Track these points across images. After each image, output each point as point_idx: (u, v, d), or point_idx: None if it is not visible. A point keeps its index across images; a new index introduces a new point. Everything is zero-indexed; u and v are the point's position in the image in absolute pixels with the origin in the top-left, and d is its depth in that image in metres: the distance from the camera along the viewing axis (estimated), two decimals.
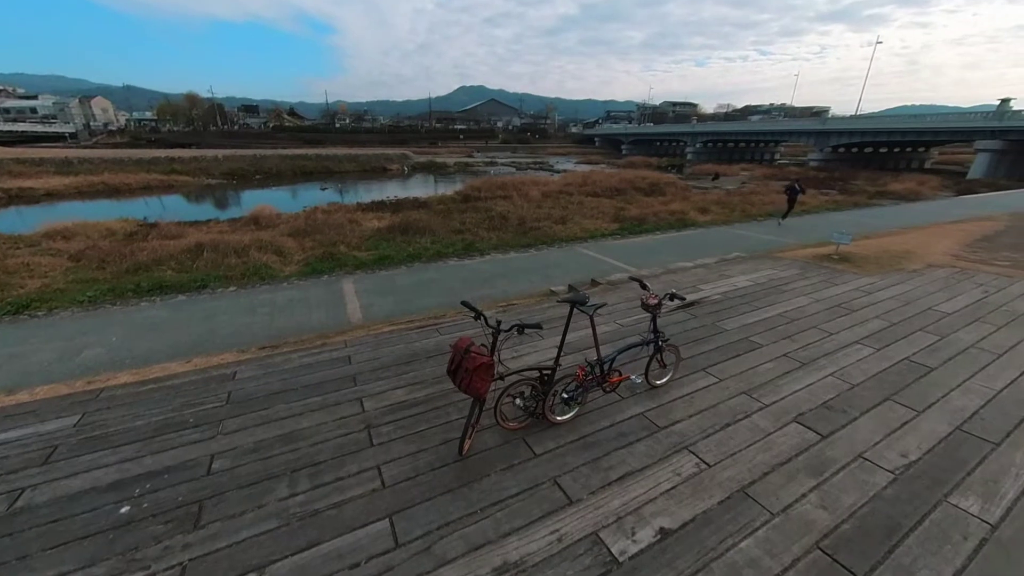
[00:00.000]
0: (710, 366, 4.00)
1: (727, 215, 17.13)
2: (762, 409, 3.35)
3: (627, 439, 3.01)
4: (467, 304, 2.78)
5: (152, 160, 41.09)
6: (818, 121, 53.16)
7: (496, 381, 2.76)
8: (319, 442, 2.94)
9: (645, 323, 4.87)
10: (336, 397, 3.48)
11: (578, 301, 2.94)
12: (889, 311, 5.33)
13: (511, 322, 2.65)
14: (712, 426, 3.15)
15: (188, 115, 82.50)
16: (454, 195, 22.74)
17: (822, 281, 6.49)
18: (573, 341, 4.40)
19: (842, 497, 2.51)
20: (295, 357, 4.16)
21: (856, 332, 4.72)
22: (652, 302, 3.24)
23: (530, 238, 13.19)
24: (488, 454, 2.84)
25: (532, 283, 8.16)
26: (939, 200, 22.05)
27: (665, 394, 3.55)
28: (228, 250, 11.20)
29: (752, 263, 7.66)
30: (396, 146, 66.48)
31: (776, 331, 4.75)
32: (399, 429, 3.09)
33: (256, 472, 2.67)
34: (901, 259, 7.82)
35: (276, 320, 6.62)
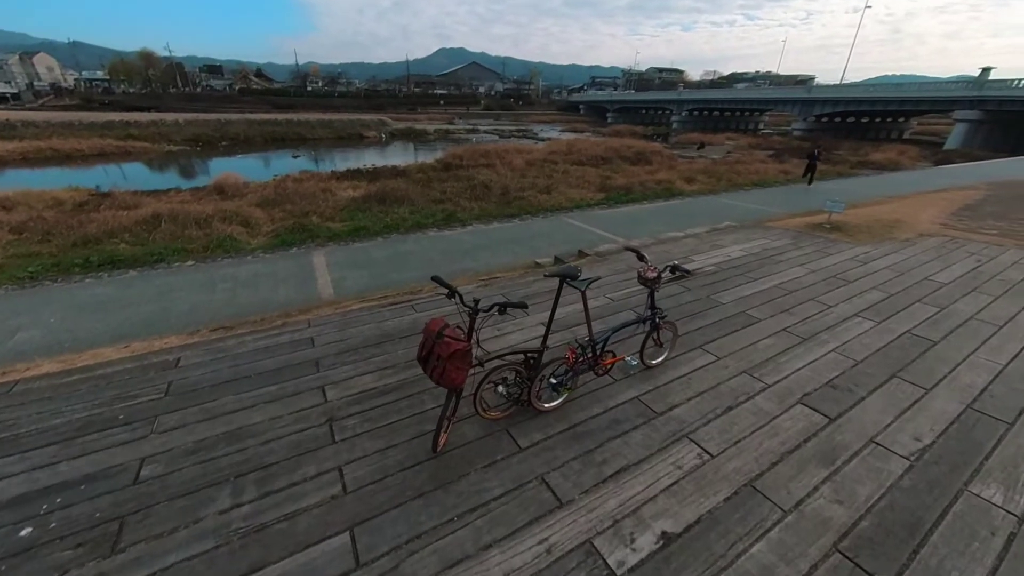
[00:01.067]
0: (707, 343, 3.73)
1: (713, 184, 16.83)
2: (765, 390, 3.10)
3: (622, 427, 2.72)
4: (439, 280, 2.37)
5: (106, 124, 38.11)
6: (804, 89, 52.65)
7: (475, 367, 2.40)
8: (271, 440, 2.55)
9: (638, 297, 4.56)
10: (295, 385, 3.07)
11: (568, 275, 2.56)
12: (886, 282, 5.14)
13: (492, 300, 2.26)
14: (713, 410, 2.88)
15: (144, 75, 76.34)
16: (434, 163, 21.79)
17: (816, 251, 6.27)
18: (561, 318, 4.05)
19: (857, 489, 2.28)
20: (250, 340, 3.70)
21: (855, 304, 4.51)
22: (651, 275, 2.88)
23: (514, 208, 12.69)
24: (467, 449, 2.51)
25: (516, 255, 7.75)
26: (918, 170, 22.19)
27: (661, 375, 3.26)
28: (189, 221, 10.43)
29: (744, 232, 7.39)
30: (373, 112, 63.37)
31: (773, 304, 4.50)
32: (366, 422, 2.73)
33: (193, 479, 2.28)
34: (892, 228, 7.67)
35: (238, 297, 6.08)
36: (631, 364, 2.99)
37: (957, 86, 38.90)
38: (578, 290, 2.60)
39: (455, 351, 2.12)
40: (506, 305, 2.27)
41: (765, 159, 25.87)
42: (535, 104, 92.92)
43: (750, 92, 60.70)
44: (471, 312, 2.28)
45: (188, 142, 36.75)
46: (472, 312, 2.28)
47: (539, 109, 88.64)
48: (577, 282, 2.57)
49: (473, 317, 2.29)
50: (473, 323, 2.31)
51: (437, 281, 2.36)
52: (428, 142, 43.20)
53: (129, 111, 49.01)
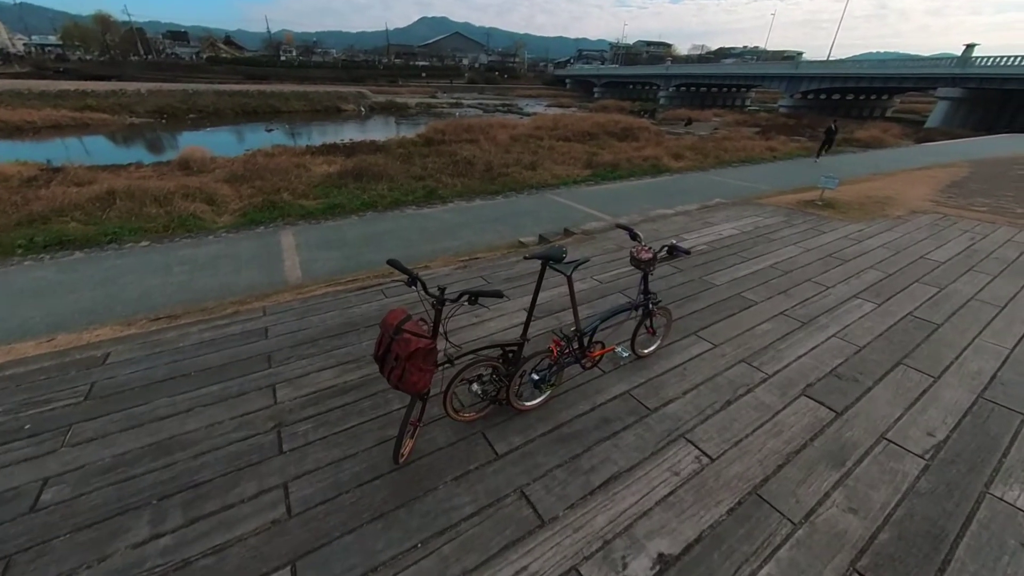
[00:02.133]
0: (702, 328, 3.46)
1: (701, 161, 16.51)
2: (765, 381, 2.85)
3: (611, 427, 2.43)
4: (396, 265, 1.99)
5: (60, 93, 35.46)
6: (791, 65, 52.18)
7: (444, 366, 2.06)
8: (206, 452, 2.19)
9: (628, 279, 4.25)
10: (240, 385, 2.69)
11: (551, 258, 2.21)
12: (882, 261, 4.94)
13: (464, 286, 1.90)
14: (711, 405, 2.61)
15: (101, 41, 71.10)
16: (416, 138, 20.89)
17: (810, 229, 6.04)
18: (544, 304, 3.72)
19: (872, 494, 2.05)
20: (194, 331, 3.28)
21: (853, 285, 4.29)
22: (644, 256, 2.55)
23: (498, 185, 12.18)
24: (435, 458, 2.19)
25: (500, 234, 7.34)
26: (901, 148, 22.22)
27: (654, 365, 2.98)
28: (147, 198, 9.66)
29: (735, 210, 7.11)
30: (351, 84, 60.61)
31: (769, 285, 4.25)
32: (321, 427, 2.38)
33: (106, 503, 1.91)
34: (884, 205, 7.49)
35: (196, 281, 5.57)
36: (622, 355, 2.70)
37: (942, 63, 38.92)
38: (563, 274, 2.25)
39: (416, 350, 1.77)
40: (477, 294, 1.92)
41: (752, 136, 25.64)
42: (520, 78, 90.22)
43: (738, 68, 59.87)
44: (436, 303, 1.92)
45: (152, 114, 34.61)
46: (437, 303, 1.92)
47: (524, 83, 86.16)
48: (562, 265, 2.23)
49: (439, 309, 1.93)
50: (439, 315, 1.95)
51: (394, 266, 1.98)
52: (410, 116, 41.60)
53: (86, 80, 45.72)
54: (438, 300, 1.92)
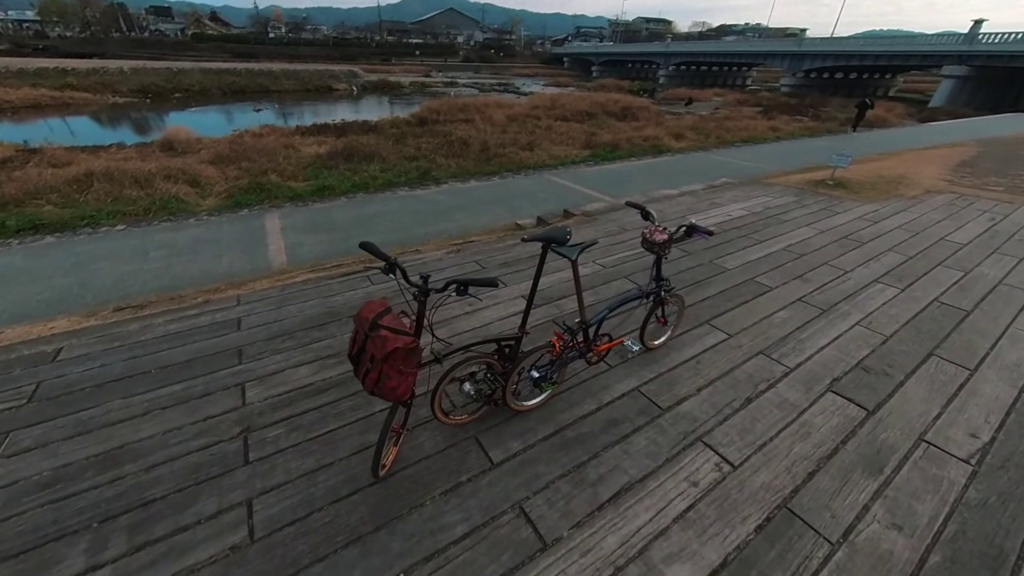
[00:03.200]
0: (714, 317, 3.19)
1: (703, 141, 16.06)
2: (787, 375, 2.60)
3: (620, 430, 2.18)
4: (370, 248, 1.68)
5: (38, 71, 34.12)
6: (794, 42, 50.85)
7: (431, 365, 1.78)
8: (161, 463, 1.92)
9: (633, 263, 3.96)
10: (206, 383, 2.41)
11: (555, 240, 1.91)
12: (901, 243, 4.66)
13: (453, 274, 1.61)
14: (729, 403, 2.36)
15: (81, 16, 68.39)
16: (409, 118, 20.23)
17: (823, 209, 5.74)
18: (545, 290, 3.44)
19: (916, 507, 1.81)
20: (159, 323, 2.98)
21: (873, 269, 4.02)
22: (659, 238, 2.25)
23: (494, 165, 11.76)
24: (422, 468, 1.93)
25: (496, 216, 7.01)
26: (906, 128, 21.75)
27: (665, 358, 2.72)
28: (127, 180, 9.23)
29: (742, 190, 6.78)
30: (343, 62, 58.76)
31: (784, 270, 3.98)
32: (294, 432, 2.11)
33: (38, 528, 1.65)
34: (897, 184, 7.18)
35: (173, 267, 5.25)
36: (632, 348, 2.43)
37: (948, 39, 37.98)
38: (567, 259, 1.96)
39: (395, 350, 1.48)
40: (467, 283, 1.62)
41: (754, 116, 25.06)
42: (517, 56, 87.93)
43: (739, 45, 58.40)
44: (419, 294, 1.63)
45: (136, 93, 33.46)
46: (420, 294, 1.63)
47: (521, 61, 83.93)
48: (566, 248, 1.93)
49: (422, 300, 1.64)
50: (423, 308, 1.66)
51: (369, 250, 1.67)
52: (403, 96, 40.43)
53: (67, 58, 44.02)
54: (421, 290, 1.63)
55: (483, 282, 1.65)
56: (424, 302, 1.66)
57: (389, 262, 1.63)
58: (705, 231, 2.23)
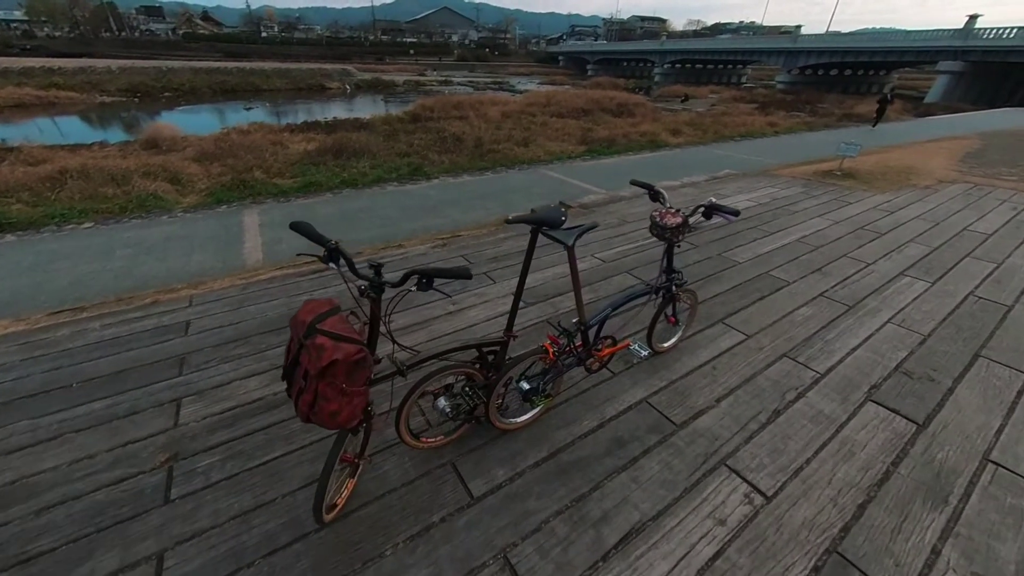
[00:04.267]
0: (729, 315, 2.84)
1: (701, 136, 15.74)
2: (818, 381, 2.24)
3: (627, 451, 1.82)
4: (304, 230, 1.32)
5: (24, 71, 33.46)
6: (789, 39, 50.75)
7: (393, 378, 1.42)
8: (56, 504, 1.54)
9: (636, 256, 3.60)
10: (134, 399, 2.03)
11: (546, 222, 1.55)
12: (922, 233, 4.33)
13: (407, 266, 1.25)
14: (754, 417, 2.00)
15: (70, 16, 67.44)
16: (402, 115, 19.85)
17: (833, 200, 5.40)
18: (537, 286, 3.07)
19: (997, 549, 1.46)
20: (94, 328, 2.59)
21: (897, 261, 3.68)
22: (671, 222, 1.89)
23: (488, 161, 11.41)
24: (384, 506, 1.56)
25: (488, 211, 6.63)
26: (905, 122, 21.52)
27: (675, 363, 2.36)
28: (103, 178, 8.83)
29: (746, 181, 6.45)
30: (336, 61, 58.24)
31: (800, 262, 3.63)
32: (232, 459, 1.73)
33: None
34: (908, 175, 6.86)
35: (138, 266, 4.83)
36: (640, 354, 2.08)
37: (944, 35, 37.91)
38: (562, 245, 1.60)
39: (333, 362, 1.11)
40: (432, 275, 1.25)
41: (751, 112, 24.86)
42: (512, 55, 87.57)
43: (735, 42, 58.25)
44: (370, 289, 1.26)
45: (123, 92, 32.88)
46: (372, 290, 1.26)
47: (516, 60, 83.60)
48: (560, 233, 1.57)
49: (374, 298, 1.27)
50: (378, 308, 1.30)
51: (301, 232, 1.31)
52: (397, 94, 39.96)
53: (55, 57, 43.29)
54: (372, 285, 1.26)
55: (452, 272, 1.28)
56: (378, 300, 1.29)
57: (328, 248, 1.26)
58: (729, 211, 1.87)
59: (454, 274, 1.28)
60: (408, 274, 1.26)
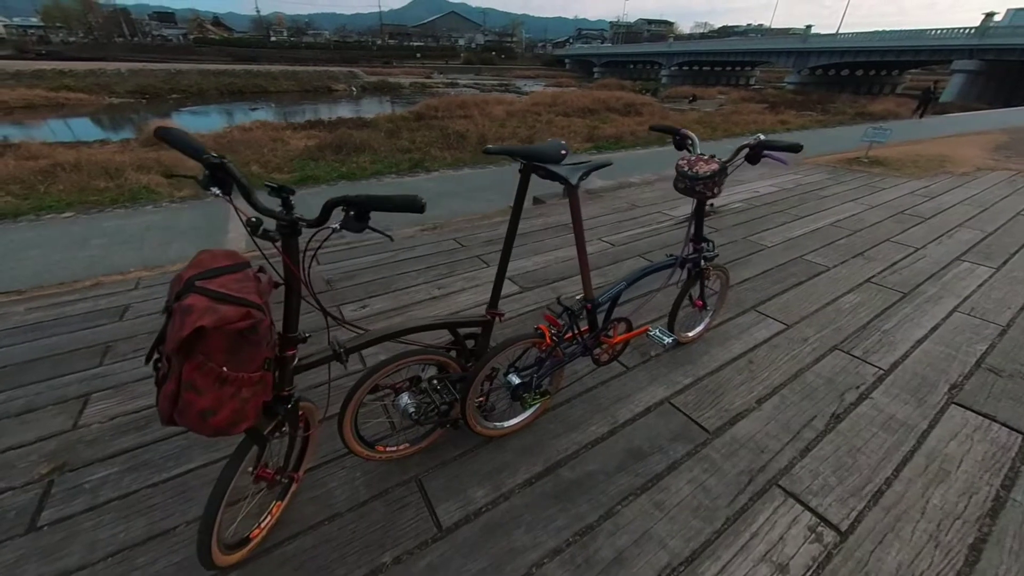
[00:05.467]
0: (761, 303, 2.41)
1: (711, 133, 15.30)
2: (883, 379, 1.80)
3: (648, 467, 1.39)
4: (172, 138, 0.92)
5: (36, 73, 33.82)
6: (799, 39, 50.11)
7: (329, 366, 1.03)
8: None
9: (649, 240, 3.19)
10: (33, 395, 1.65)
11: (539, 157, 1.15)
12: (971, 218, 3.86)
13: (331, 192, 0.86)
14: (809, 423, 1.57)
15: (85, 22, 68.62)
16: (406, 114, 19.64)
17: (864, 186, 4.94)
18: (534, 270, 2.66)
19: None
20: (17, 313, 2.23)
21: (949, 246, 3.22)
22: (704, 170, 1.48)
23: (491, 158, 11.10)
24: (319, 540, 1.16)
25: (491, 202, 6.23)
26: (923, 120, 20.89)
27: (702, 356, 1.93)
28: (96, 171, 8.64)
29: (767, 168, 5.99)
30: (343, 64, 58.47)
31: (838, 247, 3.19)
32: (131, 473, 1.34)
33: None
34: (940, 163, 6.37)
35: (112, 256, 4.50)
36: (663, 341, 1.66)
37: (958, 33, 37.12)
38: (563, 185, 1.20)
39: (198, 331, 0.72)
40: (367, 206, 0.86)
41: (761, 111, 24.37)
42: (518, 58, 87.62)
43: (743, 43, 57.65)
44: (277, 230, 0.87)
45: (132, 94, 33.19)
46: (280, 229, 0.87)
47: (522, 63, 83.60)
48: (563, 170, 1.16)
49: (287, 244, 0.89)
50: (293, 257, 0.91)
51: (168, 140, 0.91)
52: (403, 96, 39.91)
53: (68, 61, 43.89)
54: (282, 224, 0.87)
55: (398, 203, 0.88)
56: (290, 244, 0.90)
57: (207, 162, 0.86)
58: (785, 146, 1.44)
59: (400, 204, 0.88)
60: (332, 204, 0.87)
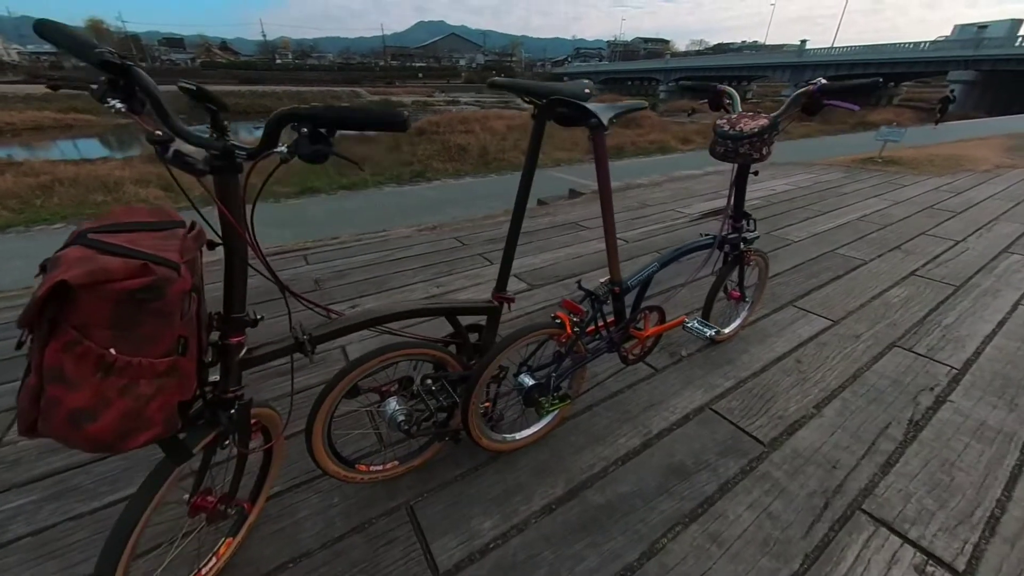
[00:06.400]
0: (799, 297, 2.15)
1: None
2: (958, 380, 1.53)
3: (694, 489, 1.12)
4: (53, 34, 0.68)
5: (45, 96, 34.49)
6: (794, 54, 50.87)
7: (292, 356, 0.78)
8: None
9: (665, 236, 2.97)
10: None
11: (560, 93, 0.92)
12: (1006, 212, 3.61)
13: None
14: (883, 432, 1.30)
15: None
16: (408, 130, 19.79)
17: (884, 183, 4.71)
18: (543, 267, 2.44)
19: None
20: None
21: (990, 239, 2.97)
22: (749, 127, 1.24)
23: (492, 169, 11.05)
24: None
25: (491, 209, 6.06)
26: (924, 127, 20.86)
27: (741, 355, 1.67)
28: (96, 185, 8.62)
29: (779, 169, 5.80)
30: (347, 85, 59.64)
31: (871, 240, 2.94)
32: (52, 502, 1.08)
33: None
34: (957, 162, 6.15)
35: None
36: (703, 334, 1.39)
37: (953, 45, 37.60)
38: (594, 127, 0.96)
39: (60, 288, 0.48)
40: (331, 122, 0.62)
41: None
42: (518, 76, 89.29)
43: (740, 58, 58.58)
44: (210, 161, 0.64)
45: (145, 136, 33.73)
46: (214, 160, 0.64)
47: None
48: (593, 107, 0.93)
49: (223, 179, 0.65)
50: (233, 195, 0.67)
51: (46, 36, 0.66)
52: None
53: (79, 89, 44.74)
54: (216, 151, 0.64)
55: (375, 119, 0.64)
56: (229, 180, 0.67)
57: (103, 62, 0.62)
58: (856, 88, 1.21)
59: (376, 120, 0.64)
60: (280, 119, 0.63)
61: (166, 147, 0.58)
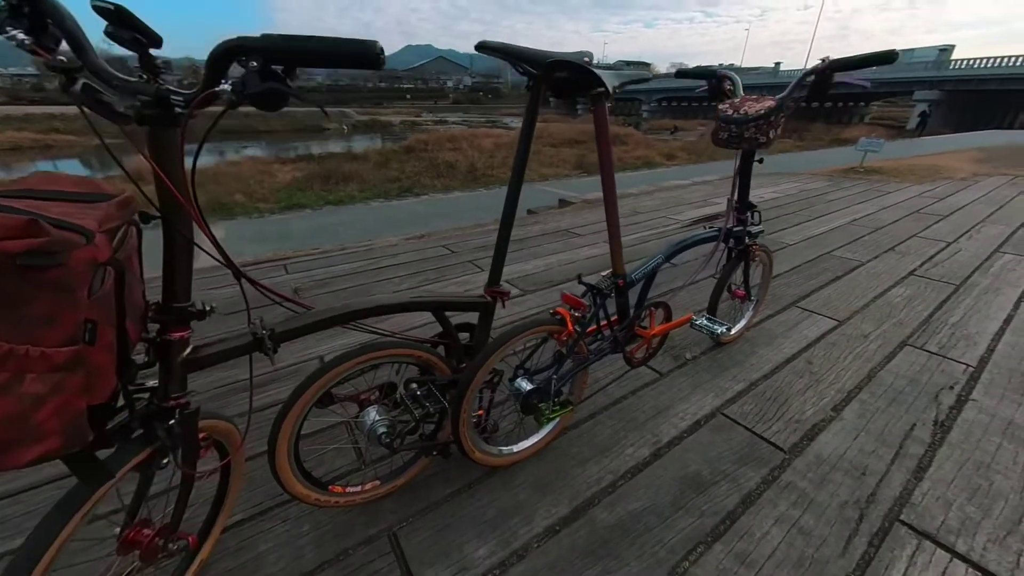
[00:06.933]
0: (801, 298, 2.08)
1: (696, 159, 15.59)
2: (976, 377, 1.46)
3: (713, 503, 1.00)
4: None
5: (25, 117, 33.95)
6: (770, 73, 53.06)
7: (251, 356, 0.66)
8: None
9: (660, 241, 2.90)
10: None
11: (552, 58, 0.83)
12: (991, 215, 3.65)
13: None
14: (909, 434, 1.20)
15: None
16: (396, 148, 19.86)
17: (869, 190, 4.77)
18: (535, 273, 2.34)
19: None
20: None
21: (981, 241, 2.97)
22: (755, 108, 1.17)
23: (481, 184, 11.08)
24: None
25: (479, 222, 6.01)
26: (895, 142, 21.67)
27: (749, 357, 1.57)
28: None
29: (766, 179, 5.88)
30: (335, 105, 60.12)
31: (865, 243, 2.91)
32: None
33: None
34: (935, 171, 6.31)
35: None
36: (713, 331, 1.30)
37: (919, 66, 39.55)
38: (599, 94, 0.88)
39: None
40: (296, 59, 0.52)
41: None
42: (505, 97, 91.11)
43: None
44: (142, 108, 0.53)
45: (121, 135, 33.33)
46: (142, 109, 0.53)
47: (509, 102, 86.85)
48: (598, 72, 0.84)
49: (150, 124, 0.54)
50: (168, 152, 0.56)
51: None
52: (394, 133, 40.74)
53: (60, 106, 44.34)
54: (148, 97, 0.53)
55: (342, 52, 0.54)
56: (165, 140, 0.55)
57: None
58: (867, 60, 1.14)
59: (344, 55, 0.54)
60: (225, 52, 0.52)
61: (73, 78, 0.47)
